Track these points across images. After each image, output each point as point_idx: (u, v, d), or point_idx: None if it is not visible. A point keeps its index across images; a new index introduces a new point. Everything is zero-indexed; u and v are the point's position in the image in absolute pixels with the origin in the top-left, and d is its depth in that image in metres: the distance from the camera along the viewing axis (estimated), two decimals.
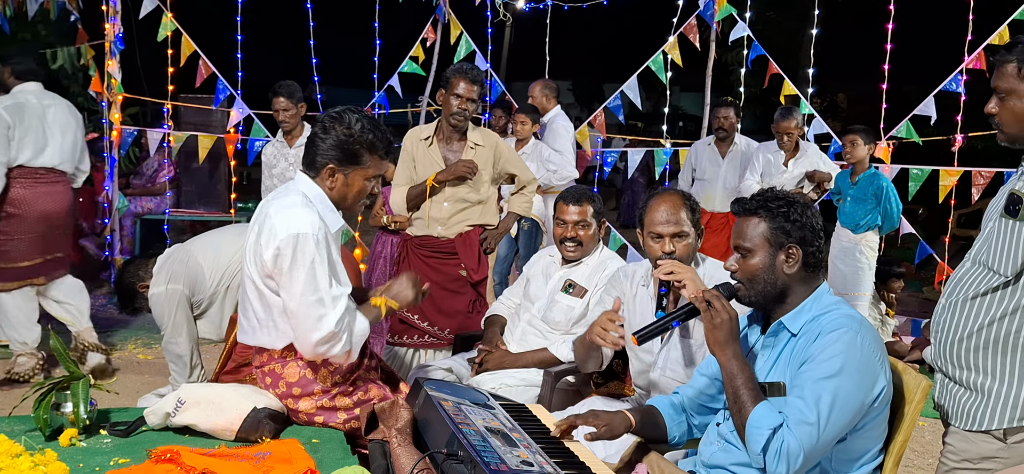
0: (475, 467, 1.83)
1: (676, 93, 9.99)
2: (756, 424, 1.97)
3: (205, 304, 3.68)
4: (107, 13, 6.90)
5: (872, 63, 7.55)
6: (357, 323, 2.50)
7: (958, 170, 6.69)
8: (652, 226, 2.78)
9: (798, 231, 2.13)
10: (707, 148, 6.41)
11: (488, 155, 4.13)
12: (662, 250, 2.74)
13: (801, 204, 2.18)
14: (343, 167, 2.50)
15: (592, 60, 22.79)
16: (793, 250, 2.13)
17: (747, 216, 2.20)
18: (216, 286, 3.62)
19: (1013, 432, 2.07)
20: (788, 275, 2.14)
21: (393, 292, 2.68)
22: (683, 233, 2.76)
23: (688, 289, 2.59)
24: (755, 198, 2.21)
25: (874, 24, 7.71)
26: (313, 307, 2.38)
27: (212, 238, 3.86)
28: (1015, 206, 2.04)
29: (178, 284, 3.59)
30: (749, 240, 2.17)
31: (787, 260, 2.14)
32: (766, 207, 2.16)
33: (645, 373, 2.90)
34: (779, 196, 2.19)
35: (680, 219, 2.76)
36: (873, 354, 2.02)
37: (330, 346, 2.43)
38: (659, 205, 2.77)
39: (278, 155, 5.51)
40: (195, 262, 3.61)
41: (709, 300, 2.13)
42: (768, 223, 2.15)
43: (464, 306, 4.15)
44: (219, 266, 3.63)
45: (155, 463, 2.08)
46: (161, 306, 3.65)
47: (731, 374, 2.06)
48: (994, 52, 2.18)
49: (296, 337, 2.45)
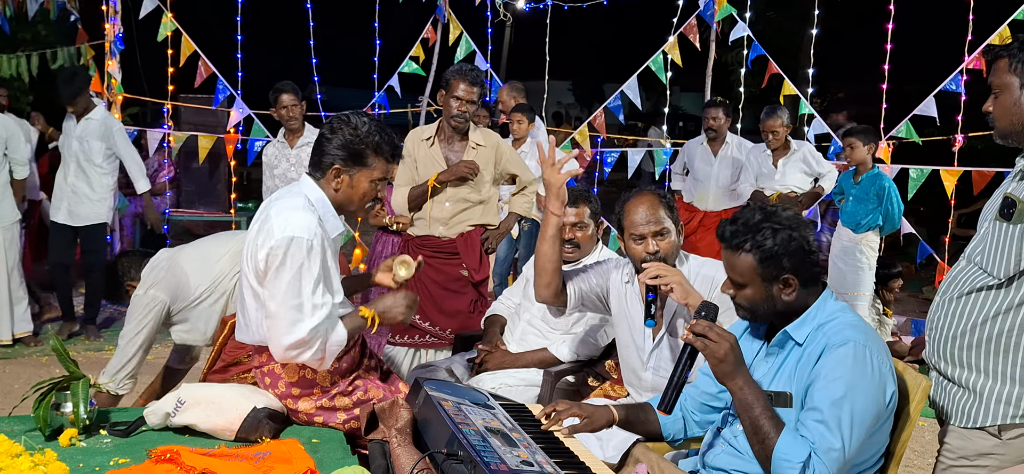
0: (475, 467, 1.83)
1: (676, 93, 9.99)
2: (785, 456, 1.93)
3: (187, 311, 3.62)
4: (107, 13, 6.91)
5: (872, 63, 7.55)
6: (334, 333, 2.47)
7: (958, 170, 6.69)
8: (633, 228, 2.72)
9: (789, 259, 2.05)
10: (700, 147, 6.43)
11: (489, 155, 4.14)
12: (646, 251, 2.70)
13: (788, 225, 2.07)
14: (349, 168, 2.50)
15: (592, 60, 22.80)
16: (788, 278, 2.08)
17: (735, 250, 2.10)
18: (201, 294, 3.56)
19: (1008, 428, 2.07)
20: (787, 300, 2.10)
21: (384, 307, 2.63)
22: (665, 231, 2.71)
23: (676, 292, 2.56)
24: (741, 229, 2.09)
25: (874, 24, 7.71)
26: (291, 311, 2.37)
27: (201, 246, 3.79)
28: (1009, 209, 2.04)
29: (159, 291, 3.53)
30: (741, 275, 2.10)
31: (784, 289, 2.09)
32: (753, 241, 2.06)
33: (637, 373, 2.90)
34: (764, 219, 2.08)
35: (660, 217, 2.71)
36: (882, 364, 2.01)
37: (300, 351, 2.41)
38: (637, 206, 2.72)
39: (279, 155, 5.50)
40: (180, 269, 3.55)
41: (702, 334, 2.02)
42: (756, 259, 2.06)
43: (465, 306, 4.15)
44: (207, 274, 3.56)
45: (155, 463, 2.08)
46: (136, 307, 3.59)
47: (747, 404, 2.00)
48: (993, 52, 2.19)
49: (269, 338, 2.44)
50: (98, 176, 5.69)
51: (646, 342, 2.85)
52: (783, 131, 6.01)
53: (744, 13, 7.29)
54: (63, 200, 5.70)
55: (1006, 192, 2.08)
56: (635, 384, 2.94)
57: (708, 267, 2.82)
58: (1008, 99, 2.08)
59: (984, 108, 2.16)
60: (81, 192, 5.68)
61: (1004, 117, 2.10)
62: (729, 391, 2.04)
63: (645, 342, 2.85)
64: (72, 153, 5.66)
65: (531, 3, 8.12)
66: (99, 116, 5.67)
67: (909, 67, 8.24)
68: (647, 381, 2.86)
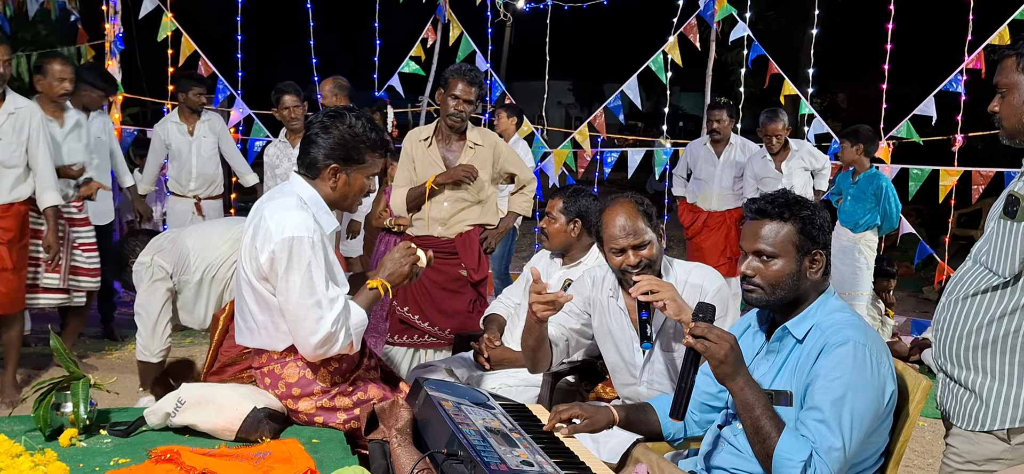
0: (475, 467, 1.83)
1: (676, 93, 9.99)
2: (786, 456, 1.93)
3: (188, 287, 3.73)
4: (107, 13, 6.91)
5: (872, 63, 7.56)
6: (353, 316, 2.49)
7: (958, 170, 6.69)
8: (611, 241, 2.62)
9: (823, 236, 2.10)
10: (703, 148, 6.43)
11: (487, 155, 4.14)
12: (626, 263, 2.61)
13: (817, 205, 2.13)
14: (347, 167, 2.51)
15: (592, 60, 22.81)
16: (818, 255, 2.09)
17: (769, 219, 2.10)
18: (201, 273, 3.68)
19: (1016, 432, 2.06)
20: (811, 281, 2.10)
21: (388, 270, 2.62)
22: (645, 242, 2.61)
23: (669, 308, 2.49)
24: (774, 201, 2.12)
25: (874, 24, 7.72)
26: (311, 310, 2.38)
27: (203, 227, 3.95)
28: (1013, 207, 2.03)
29: (162, 259, 3.66)
30: (773, 245, 2.08)
31: (812, 266, 2.09)
32: (790, 210, 2.09)
33: (631, 386, 2.86)
34: (796, 198, 2.13)
35: (638, 228, 2.60)
36: (880, 363, 2.01)
37: (329, 346, 2.43)
38: (614, 216, 2.62)
39: (281, 155, 5.50)
40: (184, 244, 3.69)
41: (702, 336, 2.00)
42: (795, 227, 2.08)
43: (464, 306, 4.15)
44: (206, 254, 3.68)
45: (155, 463, 2.08)
46: (141, 275, 3.73)
47: (747, 404, 2.00)
48: (994, 52, 2.18)
49: (296, 340, 2.45)
50: (105, 174, 5.63)
51: (636, 357, 2.79)
52: (784, 134, 6.04)
53: (744, 13, 7.29)
54: None
55: (1011, 190, 2.07)
56: (631, 399, 2.86)
57: (695, 274, 2.74)
58: (1016, 98, 2.07)
59: (990, 108, 2.14)
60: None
61: (1011, 117, 2.08)
62: (730, 391, 2.04)
63: (635, 357, 2.79)
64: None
65: (531, 3, 8.12)
66: (99, 113, 5.64)
67: (909, 67, 8.25)
68: (643, 395, 2.80)
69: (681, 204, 6.65)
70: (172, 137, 5.84)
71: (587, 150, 7.79)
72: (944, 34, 8.01)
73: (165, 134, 5.85)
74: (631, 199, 2.68)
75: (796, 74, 9.31)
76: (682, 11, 7.48)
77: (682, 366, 2.09)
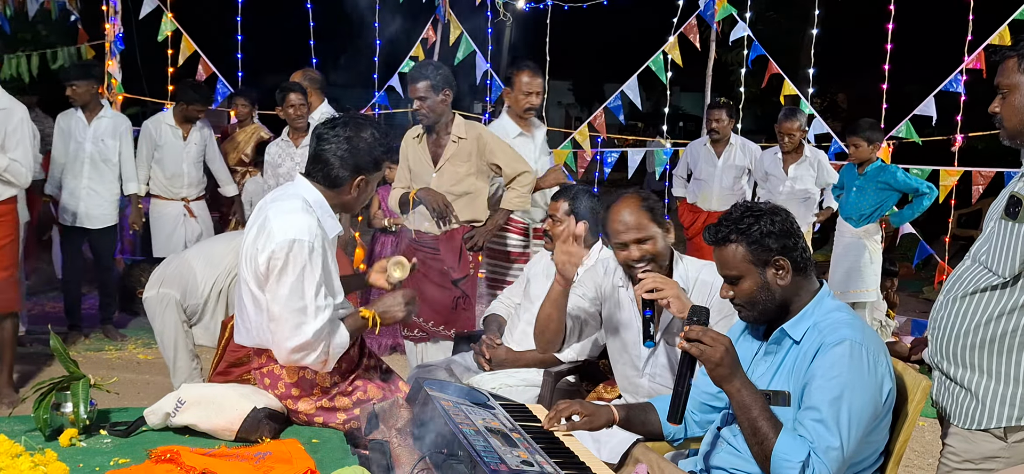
0: (475, 467, 1.83)
1: (676, 93, 9.98)
2: (784, 456, 1.93)
3: (199, 310, 3.73)
4: (107, 13, 6.92)
5: (872, 63, 7.55)
6: (337, 335, 2.48)
7: (958, 170, 6.69)
8: (615, 236, 2.66)
9: (777, 241, 2.07)
10: (703, 148, 6.43)
11: (470, 147, 4.06)
12: (630, 258, 2.65)
13: (768, 211, 2.11)
14: (370, 174, 2.57)
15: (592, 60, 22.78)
16: (780, 261, 2.08)
17: (722, 245, 2.12)
18: (209, 291, 3.67)
19: (1013, 431, 2.06)
20: (783, 287, 2.10)
21: (384, 307, 2.64)
22: (648, 237, 2.63)
23: (673, 306, 2.51)
24: (723, 224, 2.13)
25: (874, 24, 7.71)
26: (295, 314, 2.38)
27: (204, 245, 3.99)
28: (1015, 208, 2.03)
29: (170, 289, 3.67)
30: (733, 268, 2.11)
31: (777, 273, 2.09)
32: (736, 230, 2.09)
33: (633, 381, 2.87)
34: (745, 212, 2.12)
35: (642, 223, 2.63)
36: (878, 361, 2.01)
37: (305, 354, 2.41)
38: (619, 212, 2.65)
39: (283, 154, 5.50)
40: (188, 268, 3.69)
41: (696, 339, 2.00)
42: (744, 246, 2.09)
43: (448, 301, 4.12)
44: (212, 271, 3.68)
45: (155, 463, 2.08)
46: (153, 309, 3.75)
47: (744, 405, 2.00)
48: (994, 52, 2.17)
49: (273, 340, 2.44)
50: (112, 176, 5.57)
51: (640, 349, 2.80)
52: (799, 135, 5.97)
53: (744, 13, 7.29)
54: (79, 202, 5.47)
55: (1012, 191, 2.07)
56: (631, 391, 2.90)
57: (706, 273, 2.75)
58: (1017, 99, 2.06)
59: (991, 109, 2.13)
60: (98, 193, 5.53)
61: (1013, 117, 2.08)
62: (726, 394, 2.04)
63: (639, 349, 2.81)
64: (86, 154, 5.46)
65: (531, 3, 8.12)
66: (110, 114, 5.60)
67: (909, 67, 8.24)
68: (644, 388, 2.82)
69: (681, 204, 6.65)
70: (164, 138, 5.80)
71: (587, 150, 7.79)
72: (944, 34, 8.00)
73: (157, 134, 5.81)
74: (636, 195, 2.71)
75: (796, 74, 9.29)
76: (682, 11, 7.48)
77: (678, 370, 2.10)
